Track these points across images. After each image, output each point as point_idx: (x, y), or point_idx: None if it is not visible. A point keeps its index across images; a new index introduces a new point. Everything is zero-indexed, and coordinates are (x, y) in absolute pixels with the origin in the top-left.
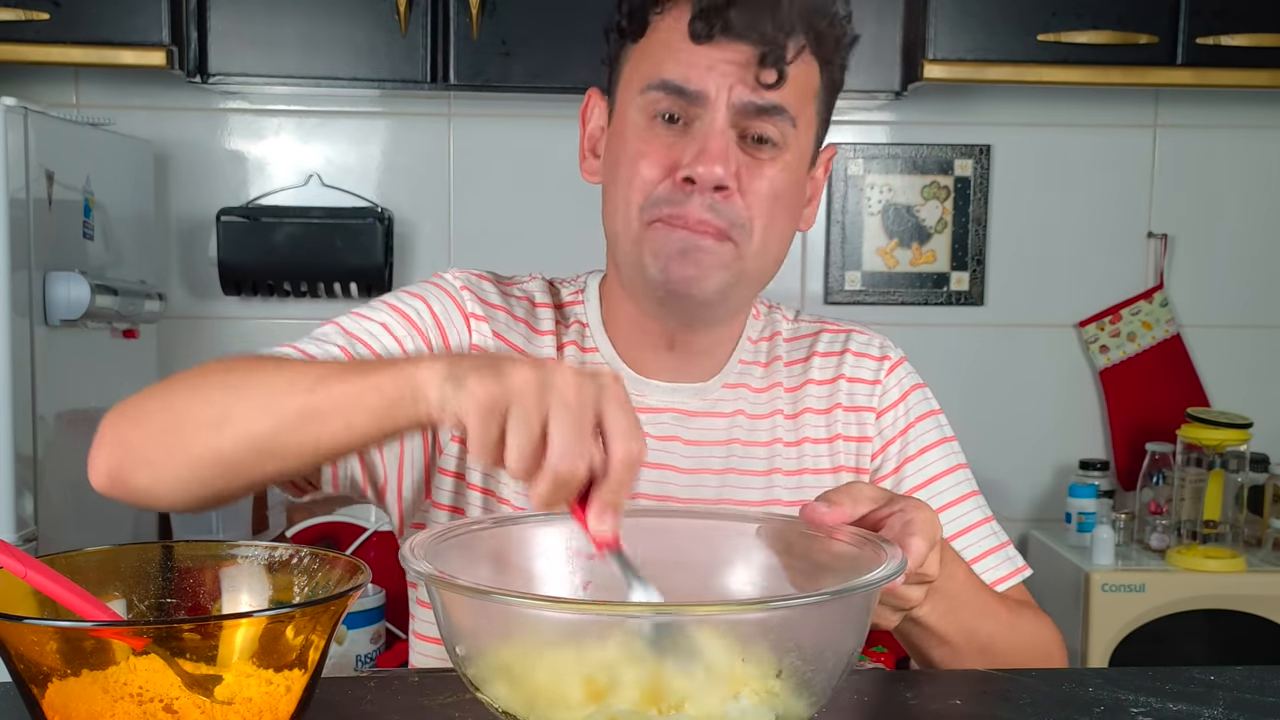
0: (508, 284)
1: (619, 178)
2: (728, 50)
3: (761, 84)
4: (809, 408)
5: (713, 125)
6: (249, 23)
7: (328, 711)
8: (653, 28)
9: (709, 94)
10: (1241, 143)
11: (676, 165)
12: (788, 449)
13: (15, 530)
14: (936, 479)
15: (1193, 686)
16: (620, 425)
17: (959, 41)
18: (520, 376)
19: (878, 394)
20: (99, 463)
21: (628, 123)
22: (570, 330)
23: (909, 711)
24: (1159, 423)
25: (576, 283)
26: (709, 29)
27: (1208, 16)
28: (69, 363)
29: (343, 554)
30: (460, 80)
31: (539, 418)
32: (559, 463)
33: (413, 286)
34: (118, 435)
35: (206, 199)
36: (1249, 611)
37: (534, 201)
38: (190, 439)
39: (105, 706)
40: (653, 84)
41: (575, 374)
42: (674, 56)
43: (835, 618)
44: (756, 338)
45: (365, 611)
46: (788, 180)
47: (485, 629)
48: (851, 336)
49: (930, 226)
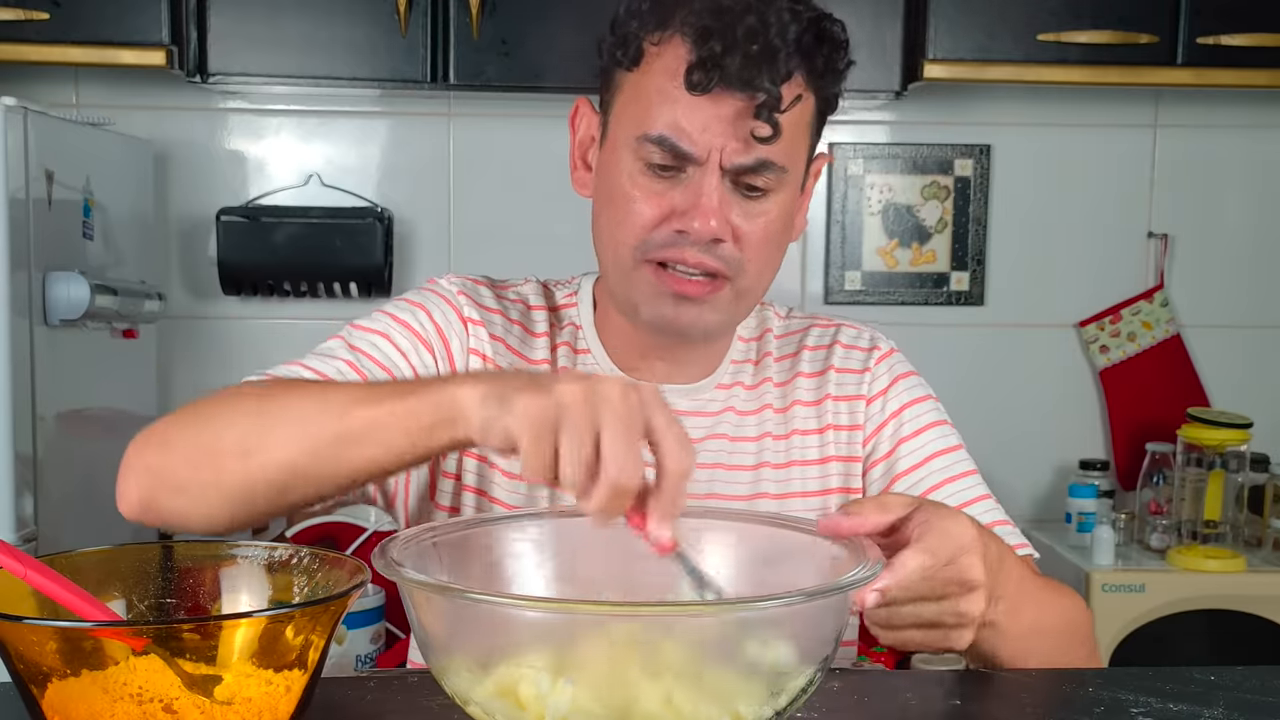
0: (502, 287)
1: (612, 212)
2: (723, 102)
3: (756, 137)
4: (798, 400)
5: (705, 182)
6: (249, 23)
7: (328, 711)
8: (648, 59)
9: (701, 156)
10: (1241, 143)
11: (670, 214)
12: (776, 442)
13: (15, 530)
14: (931, 459)
15: (1193, 686)
16: (671, 435)
17: (959, 41)
18: (568, 391)
19: (867, 381)
20: (129, 491)
21: (620, 161)
22: (564, 332)
23: (909, 711)
24: (1159, 423)
25: (571, 285)
26: (706, 80)
27: (1208, 16)
28: (69, 363)
29: (343, 554)
30: (460, 80)
31: (591, 431)
32: (618, 475)
33: (410, 294)
34: (145, 463)
35: (206, 199)
36: (1249, 611)
37: (534, 201)
38: (221, 468)
39: (105, 707)
40: (648, 136)
41: (620, 385)
42: (669, 107)
43: (810, 619)
44: (748, 336)
45: (365, 611)
46: (780, 215)
47: (458, 631)
48: (841, 329)
49: (930, 226)
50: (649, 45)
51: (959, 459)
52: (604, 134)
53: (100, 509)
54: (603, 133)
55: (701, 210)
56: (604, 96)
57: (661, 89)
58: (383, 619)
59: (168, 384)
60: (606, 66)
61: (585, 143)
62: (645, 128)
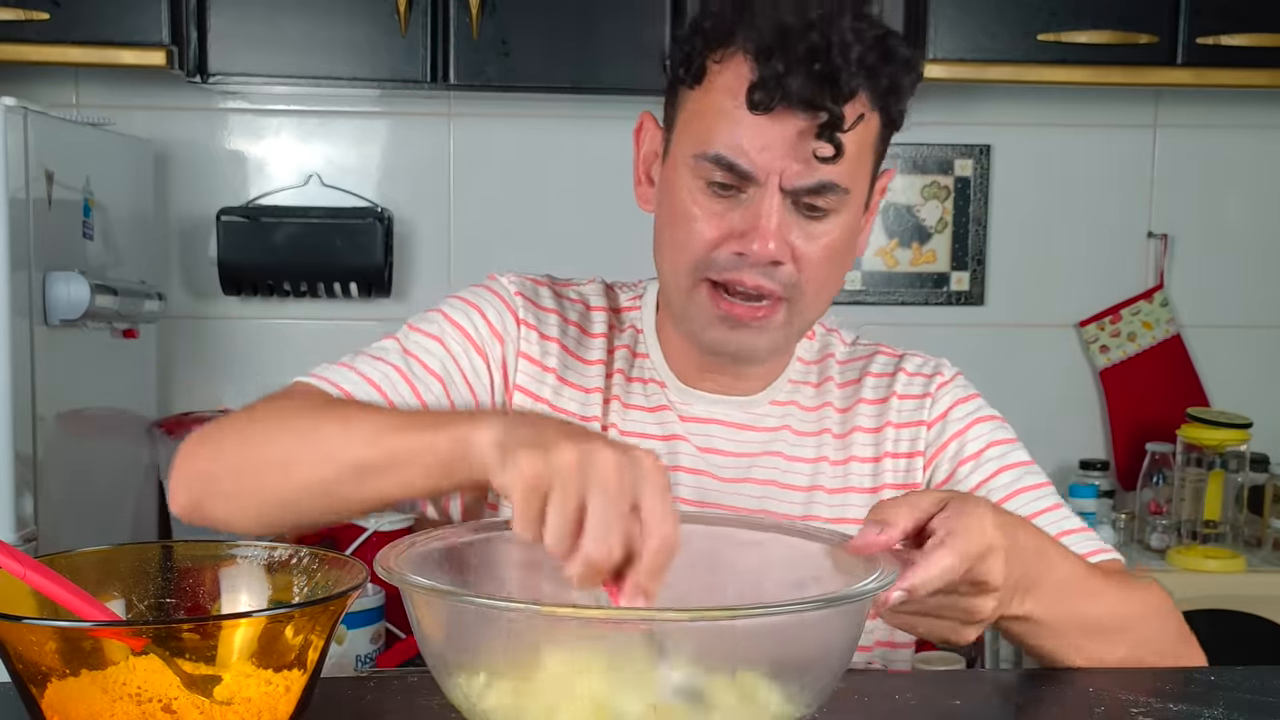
0: (563, 286)
1: (672, 230)
2: (785, 122)
3: (818, 157)
4: (858, 427)
5: (764, 203)
6: (249, 23)
7: (327, 711)
8: (710, 77)
9: (760, 177)
10: (1241, 143)
11: (730, 234)
12: (834, 467)
13: (15, 530)
14: (996, 474)
15: (1193, 686)
16: (657, 512)
17: (959, 41)
18: (564, 458)
19: (927, 406)
20: (180, 494)
21: (680, 179)
22: (625, 334)
23: (909, 711)
24: (1159, 423)
25: (636, 288)
26: (768, 100)
27: (1208, 16)
28: (69, 363)
29: (342, 554)
30: (460, 80)
31: (577, 501)
32: (592, 548)
33: (467, 293)
34: (196, 468)
35: (206, 199)
36: (1249, 611)
37: (534, 201)
38: (262, 479)
39: (104, 706)
40: (706, 155)
41: (617, 456)
42: (730, 126)
43: (819, 627)
44: (810, 359)
45: (365, 611)
46: (842, 236)
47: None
48: (906, 358)
49: (930, 226)
50: (711, 63)
51: (1028, 472)
52: (666, 150)
53: (100, 509)
54: (665, 149)
55: (761, 232)
56: (668, 113)
57: (723, 108)
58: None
59: (168, 384)
60: (670, 83)
61: (649, 158)
62: (705, 146)
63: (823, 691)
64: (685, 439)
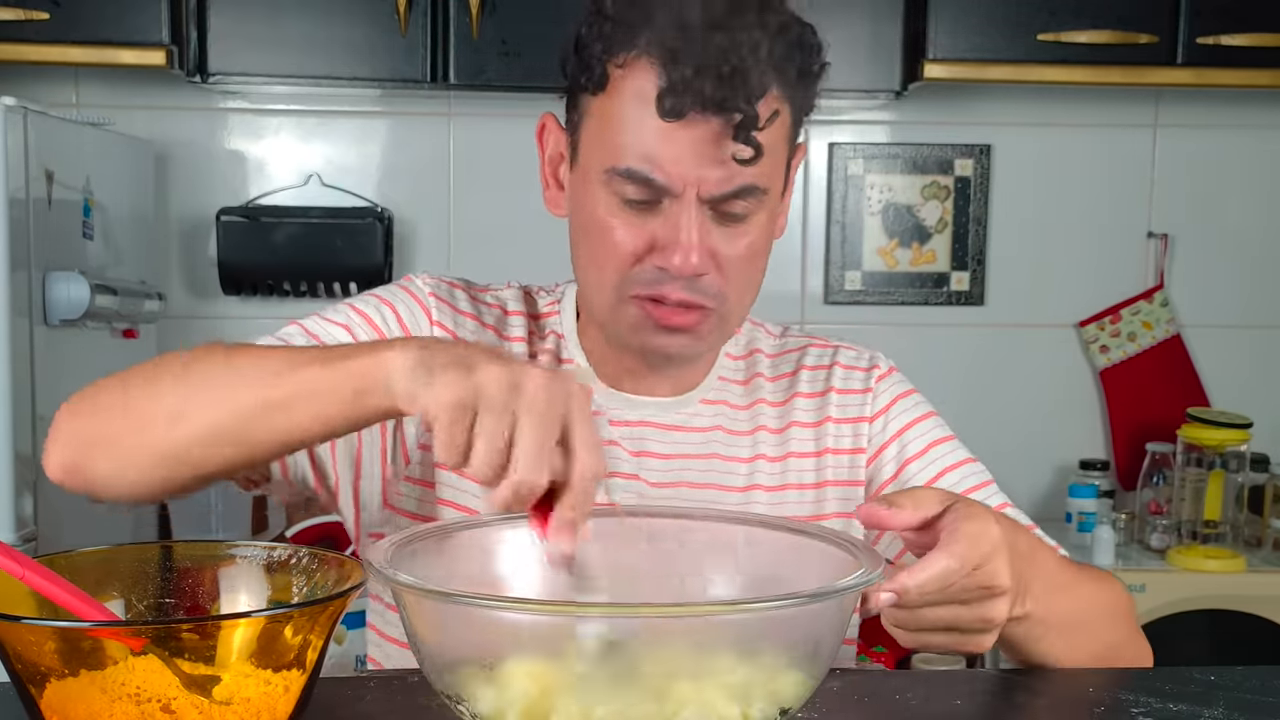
0: (480, 290)
1: (589, 245)
2: (697, 127)
3: (737, 159)
4: (796, 421)
5: (683, 216)
6: (249, 22)
7: (327, 712)
8: (614, 83)
9: (677, 189)
10: (1241, 143)
11: (650, 247)
12: (771, 464)
13: (15, 530)
14: (943, 474)
15: (1193, 686)
16: (584, 439)
17: (959, 41)
18: (489, 377)
19: (869, 401)
20: (54, 456)
21: (593, 192)
22: (547, 340)
23: (909, 711)
24: (1159, 423)
25: (554, 292)
26: (680, 106)
27: (1208, 16)
28: (69, 363)
29: (341, 554)
30: (460, 80)
31: (506, 424)
32: (523, 473)
33: (381, 290)
34: (73, 429)
35: (206, 199)
36: (1249, 611)
37: (534, 201)
38: (148, 433)
39: (103, 707)
40: (618, 169)
41: (544, 379)
42: (640, 136)
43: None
44: (737, 354)
45: (364, 611)
46: (762, 232)
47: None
48: (840, 351)
49: (930, 226)
50: (614, 68)
51: (972, 471)
52: (574, 155)
53: (100, 509)
54: (573, 153)
55: (682, 247)
56: (570, 115)
57: (630, 116)
58: None
59: None
60: (571, 92)
61: (555, 160)
62: (616, 160)
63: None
64: (618, 443)
